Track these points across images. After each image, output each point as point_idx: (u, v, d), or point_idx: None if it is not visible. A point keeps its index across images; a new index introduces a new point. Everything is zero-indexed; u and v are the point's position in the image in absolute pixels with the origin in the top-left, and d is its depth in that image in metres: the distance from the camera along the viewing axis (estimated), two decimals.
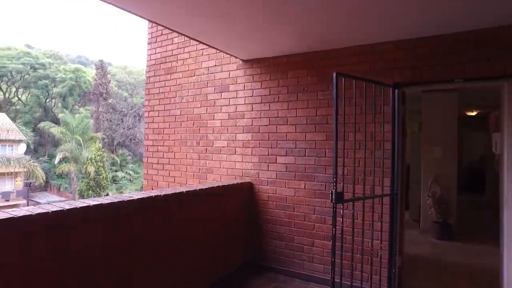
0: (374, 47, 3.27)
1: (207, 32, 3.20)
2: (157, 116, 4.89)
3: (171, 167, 4.69)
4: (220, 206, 3.55)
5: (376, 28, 2.93)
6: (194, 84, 4.51)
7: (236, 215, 3.83)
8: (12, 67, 39.61)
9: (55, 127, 31.26)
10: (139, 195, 2.59)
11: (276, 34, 3.15)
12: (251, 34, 3.17)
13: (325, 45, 3.43)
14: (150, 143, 4.97)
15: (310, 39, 3.27)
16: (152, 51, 5.05)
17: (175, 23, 3.06)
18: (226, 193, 3.60)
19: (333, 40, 3.28)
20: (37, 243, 1.85)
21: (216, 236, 3.47)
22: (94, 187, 29.36)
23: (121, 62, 59.58)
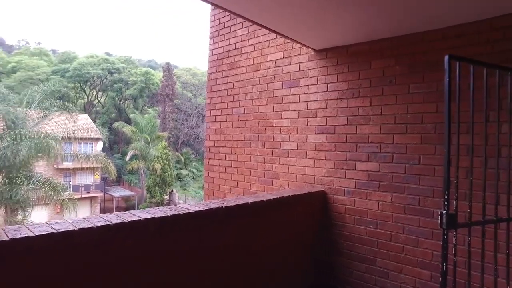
0: (492, 22, 2.52)
1: (276, 15, 2.73)
2: (219, 115, 4.57)
3: (234, 170, 4.33)
4: (288, 219, 3.07)
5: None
6: (260, 79, 4.08)
7: (306, 228, 3.32)
8: (94, 72, 43.52)
9: (127, 126, 33.60)
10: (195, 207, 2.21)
11: (359, 16, 2.57)
12: (328, 16, 2.63)
13: (422, 25, 2.75)
14: (211, 144, 4.67)
15: (401, 18, 2.63)
16: (214, 46, 4.75)
17: (243, 8, 2.64)
18: (295, 203, 3.10)
19: (435, 17, 2.59)
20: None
21: (282, 253, 2.99)
22: (160, 184, 30.89)
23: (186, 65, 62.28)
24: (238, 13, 2.71)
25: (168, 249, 1.99)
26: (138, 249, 1.85)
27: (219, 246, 2.32)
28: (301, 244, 3.27)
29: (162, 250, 1.96)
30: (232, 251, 2.43)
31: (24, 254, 1.44)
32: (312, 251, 3.40)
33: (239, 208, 2.42)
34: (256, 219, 2.65)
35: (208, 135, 4.71)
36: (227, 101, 4.46)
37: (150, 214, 1.94)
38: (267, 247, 2.75)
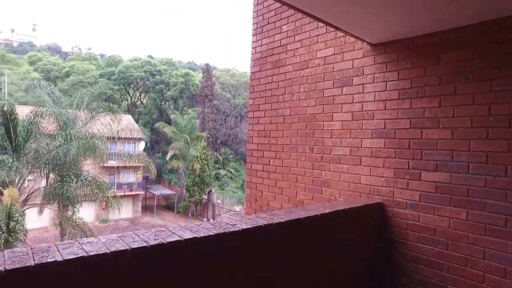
0: None
1: (329, 4, 2.41)
2: (262, 117, 4.30)
3: (278, 176, 4.04)
4: (344, 234, 2.72)
5: None
6: (307, 78, 3.76)
7: (363, 244, 2.95)
8: (137, 75, 45.31)
9: (168, 126, 34.56)
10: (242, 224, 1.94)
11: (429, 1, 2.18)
12: (389, 4, 2.25)
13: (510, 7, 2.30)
14: (254, 147, 4.41)
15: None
16: (257, 43, 4.49)
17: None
18: (352, 216, 2.75)
19: None
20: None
21: (336, 271, 2.65)
22: (199, 184, 31.40)
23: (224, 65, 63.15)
24: (288, 2, 2.41)
25: (205, 276, 1.75)
26: (174, 274, 1.61)
27: (268, 275, 2.04)
28: (357, 261, 2.90)
29: (199, 276, 1.71)
30: (278, 274, 2.14)
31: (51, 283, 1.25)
32: (368, 268, 3.02)
33: (290, 224, 2.12)
34: (308, 236, 2.34)
35: (250, 137, 4.46)
36: (272, 102, 4.18)
37: (192, 232, 1.70)
38: (318, 267, 2.43)
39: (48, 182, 15.81)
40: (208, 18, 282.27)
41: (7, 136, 14.27)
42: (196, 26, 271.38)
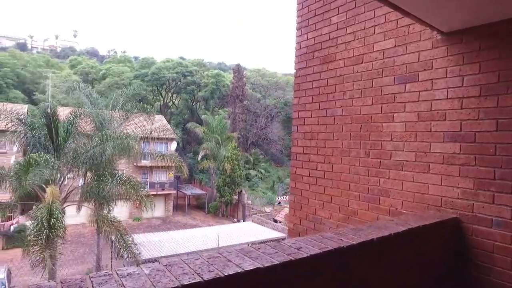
0: None
1: None
2: (309, 117, 3.94)
3: (327, 182, 3.66)
4: (416, 257, 2.31)
5: None
6: (362, 74, 3.36)
7: (432, 263, 2.52)
8: (169, 76, 46.20)
9: (199, 127, 34.89)
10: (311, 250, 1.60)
11: None
12: None
13: None
14: (299, 150, 4.06)
15: None
16: (302, 38, 4.13)
17: None
18: (425, 234, 2.33)
19: None
20: None
21: None
22: (229, 184, 31.44)
23: (254, 66, 63.17)
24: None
25: None
26: None
27: None
28: (430, 282, 2.48)
29: None
30: None
31: None
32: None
33: (362, 246, 1.77)
34: (378, 256, 1.97)
35: (295, 140, 4.12)
36: (320, 101, 3.82)
37: (252, 260, 1.39)
38: (386, 286, 2.05)
39: (85, 181, 16.26)
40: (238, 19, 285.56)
41: (49, 137, 14.80)
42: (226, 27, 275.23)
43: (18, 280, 18.75)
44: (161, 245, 18.20)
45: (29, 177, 11.89)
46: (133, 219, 31.24)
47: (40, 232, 11.11)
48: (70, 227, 26.79)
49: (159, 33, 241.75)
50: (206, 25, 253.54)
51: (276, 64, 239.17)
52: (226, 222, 32.17)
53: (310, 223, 3.91)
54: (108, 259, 20.55)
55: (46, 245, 11.22)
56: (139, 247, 15.67)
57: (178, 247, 18.55)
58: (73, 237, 26.37)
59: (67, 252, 22.54)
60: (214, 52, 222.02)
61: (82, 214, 23.00)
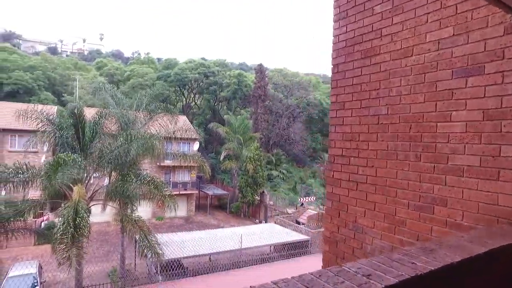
0: None
1: None
2: (349, 117, 3.62)
3: (370, 188, 3.33)
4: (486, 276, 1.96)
5: None
6: (412, 68, 3.01)
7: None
8: (191, 76, 46.57)
9: (221, 127, 34.89)
10: None
11: None
12: None
13: None
14: (337, 153, 3.74)
15: None
16: (340, 31, 3.81)
17: None
18: (504, 257, 1.97)
19: None
20: None
21: None
22: (251, 184, 31.24)
23: (276, 66, 62.91)
24: None
25: None
26: None
27: None
28: None
29: None
30: None
31: None
32: None
33: (441, 271, 1.45)
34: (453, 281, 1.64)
35: (333, 141, 3.80)
36: (361, 99, 3.48)
37: None
38: None
39: (110, 181, 16.45)
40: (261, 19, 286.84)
41: (76, 136, 15.07)
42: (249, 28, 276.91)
43: (48, 275, 19.28)
44: (183, 245, 18.20)
45: (58, 176, 12.08)
46: (156, 218, 31.60)
47: (66, 231, 11.25)
48: (95, 225, 27.43)
49: (181, 34, 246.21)
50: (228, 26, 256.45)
51: (297, 63, 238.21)
52: (248, 222, 32.00)
53: (350, 231, 3.58)
54: (132, 258, 20.81)
55: (71, 244, 11.35)
56: (162, 246, 15.69)
57: (201, 248, 18.49)
58: (98, 235, 26.95)
59: (92, 249, 23.03)
60: (235, 52, 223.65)
61: (107, 213, 23.44)
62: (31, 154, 27.88)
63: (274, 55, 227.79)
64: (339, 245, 3.72)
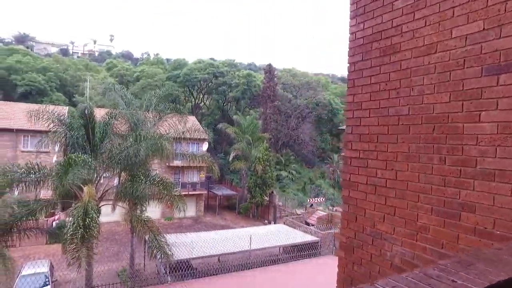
0: None
1: None
2: (366, 117, 3.46)
3: (390, 192, 3.17)
4: None
5: None
6: (436, 66, 2.84)
7: None
8: (200, 77, 46.63)
9: (230, 127, 34.81)
10: None
11: None
12: None
13: None
14: (354, 155, 3.59)
15: None
16: (357, 28, 3.65)
17: None
18: None
19: None
20: None
21: None
22: (260, 185, 31.10)
23: (285, 66, 62.67)
24: None
25: None
26: None
27: None
28: None
29: None
30: None
31: None
32: None
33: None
34: None
35: (349, 142, 3.65)
36: (380, 99, 3.32)
37: None
38: None
39: (120, 181, 16.49)
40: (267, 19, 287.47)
41: (86, 137, 15.13)
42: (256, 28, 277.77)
43: (59, 274, 19.46)
44: (192, 246, 18.15)
45: (69, 177, 12.12)
46: (165, 218, 31.68)
47: (76, 232, 11.28)
48: (105, 224, 27.59)
49: (190, 34, 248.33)
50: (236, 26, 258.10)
51: (305, 64, 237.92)
52: (257, 223, 31.88)
53: (368, 237, 3.42)
54: (141, 258, 20.86)
55: (81, 244, 11.37)
56: (171, 247, 15.66)
57: (210, 249, 18.43)
58: (108, 235, 27.12)
59: (102, 249, 23.18)
60: (243, 53, 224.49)
61: (116, 212, 23.56)
62: (43, 154, 28.24)
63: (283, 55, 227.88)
64: (356, 251, 3.56)
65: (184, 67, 48.96)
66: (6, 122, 28.59)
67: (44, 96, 41.58)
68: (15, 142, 28.73)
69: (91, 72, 52.37)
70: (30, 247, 23.02)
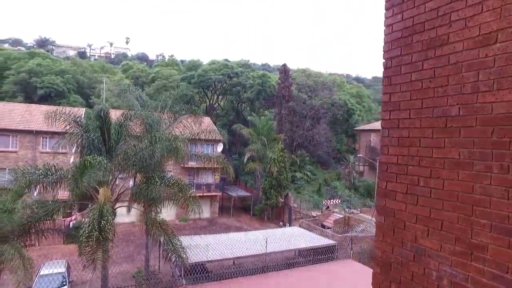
0: None
1: None
2: (406, 119, 3.08)
3: (436, 203, 2.78)
4: None
5: None
6: (495, 59, 2.45)
7: None
8: (215, 78, 46.60)
9: (245, 128, 34.57)
10: None
11: None
12: None
13: None
14: (391, 160, 3.22)
15: None
16: (394, 19, 3.28)
17: None
18: None
19: None
20: None
21: None
22: (275, 186, 30.73)
23: (300, 66, 62.22)
24: None
25: None
26: None
27: None
28: None
29: None
30: None
31: None
32: None
33: None
34: None
35: (385, 147, 3.28)
36: (422, 97, 2.94)
37: None
38: None
39: (135, 183, 16.41)
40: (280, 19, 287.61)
41: (102, 138, 15.11)
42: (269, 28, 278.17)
43: (75, 274, 19.58)
44: (207, 248, 17.94)
45: (84, 179, 12.06)
46: (179, 219, 31.67)
47: (91, 234, 11.20)
48: (121, 225, 27.76)
49: (204, 35, 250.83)
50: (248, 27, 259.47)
51: (320, 64, 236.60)
52: (272, 225, 31.50)
53: (408, 253, 3.04)
54: (156, 259, 20.80)
55: (96, 247, 11.28)
56: (186, 249, 15.47)
57: (226, 251, 18.18)
58: (123, 235, 27.25)
59: (118, 250, 23.25)
60: (257, 53, 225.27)
61: (132, 213, 23.65)
62: (61, 155, 28.64)
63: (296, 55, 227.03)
64: (394, 267, 3.18)
65: (199, 68, 49.04)
66: (26, 124, 29.14)
67: (63, 98, 42.30)
68: (34, 143, 29.25)
69: (107, 74, 53.08)
70: (48, 246, 23.28)
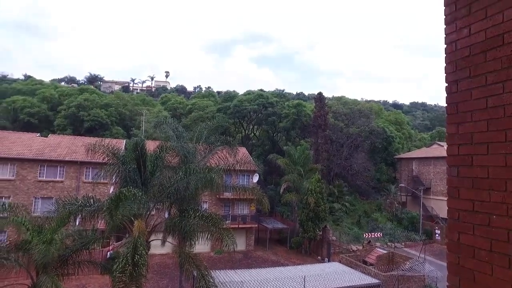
0: None
1: None
2: (483, 155, 2.46)
3: None
4: None
5: None
6: None
7: None
8: (250, 108, 47.09)
9: (281, 158, 34.03)
10: None
11: None
12: None
13: None
14: (466, 207, 2.55)
15: None
16: (458, 35, 2.74)
17: None
18: None
19: None
20: None
21: None
22: (313, 219, 29.45)
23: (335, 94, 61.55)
24: None
25: None
26: None
27: None
28: None
29: None
30: None
31: None
32: None
33: None
34: None
35: (455, 189, 2.64)
36: (505, 128, 2.33)
37: None
38: None
39: (169, 215, 16.24)
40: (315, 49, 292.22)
41: (138, 170, 15.25)
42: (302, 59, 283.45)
43: None
44: (242, 286, 17.09)
45: (119, 212, 12.02)
46: (214, 252, 31.02)
47: (125, 269, 10.93)
48: (156, 256, 27.58)
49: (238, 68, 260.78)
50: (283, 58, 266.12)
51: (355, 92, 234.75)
52: (309, 260, 29.91)
53: None
54: None
55: (129, 282, 10.96)
56: (220, 286, 14.77)
57: None
58: (158, 267, 26.98)
59: (152, 282, 22.91)
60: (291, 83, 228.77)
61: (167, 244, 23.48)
62: (101, 185, 29.56)
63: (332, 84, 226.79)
64: None
65: (234, 99, 49.94)
66: (72, 156, 30.64)
67: (106, 130, 44.51)
68: (78, 173, 30.53)
69: (147, 106, 55.53)
70: (86, 276, 23.46)
